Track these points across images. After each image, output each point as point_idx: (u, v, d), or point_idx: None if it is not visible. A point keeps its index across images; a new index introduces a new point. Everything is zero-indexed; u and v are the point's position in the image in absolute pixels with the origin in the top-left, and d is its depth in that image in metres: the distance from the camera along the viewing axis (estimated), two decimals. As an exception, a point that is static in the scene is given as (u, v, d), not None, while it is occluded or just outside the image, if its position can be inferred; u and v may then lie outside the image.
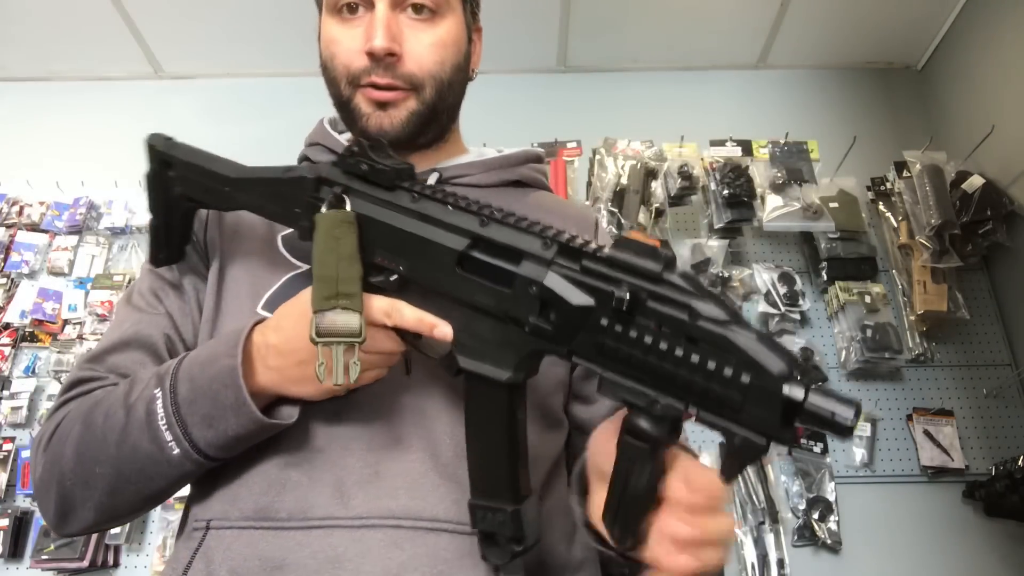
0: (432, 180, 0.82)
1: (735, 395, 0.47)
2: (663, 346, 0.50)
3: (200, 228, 0.83)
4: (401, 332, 0.63)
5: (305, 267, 0.78)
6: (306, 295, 0.63)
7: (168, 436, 0.64)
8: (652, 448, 0.52)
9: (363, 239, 0.63)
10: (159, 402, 0.64)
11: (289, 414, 0.65)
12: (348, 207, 0.63)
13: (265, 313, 0.74)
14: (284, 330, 0.63)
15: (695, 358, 0.49)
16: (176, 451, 0.64)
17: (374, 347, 0.61)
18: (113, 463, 0.65)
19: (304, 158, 0.89)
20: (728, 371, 0.47)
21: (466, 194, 0.63)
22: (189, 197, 0.75)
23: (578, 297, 0.54)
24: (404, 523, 0.65)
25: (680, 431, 0.53)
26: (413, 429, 0.70)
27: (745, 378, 0.47)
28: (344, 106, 0.79)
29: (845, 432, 0.45)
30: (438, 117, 0.80)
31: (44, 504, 0.70)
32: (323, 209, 0.63)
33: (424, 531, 0.65)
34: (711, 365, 0.48)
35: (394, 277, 0.63)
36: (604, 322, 0.52)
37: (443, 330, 0.60)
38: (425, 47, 0.76)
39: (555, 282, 0.55)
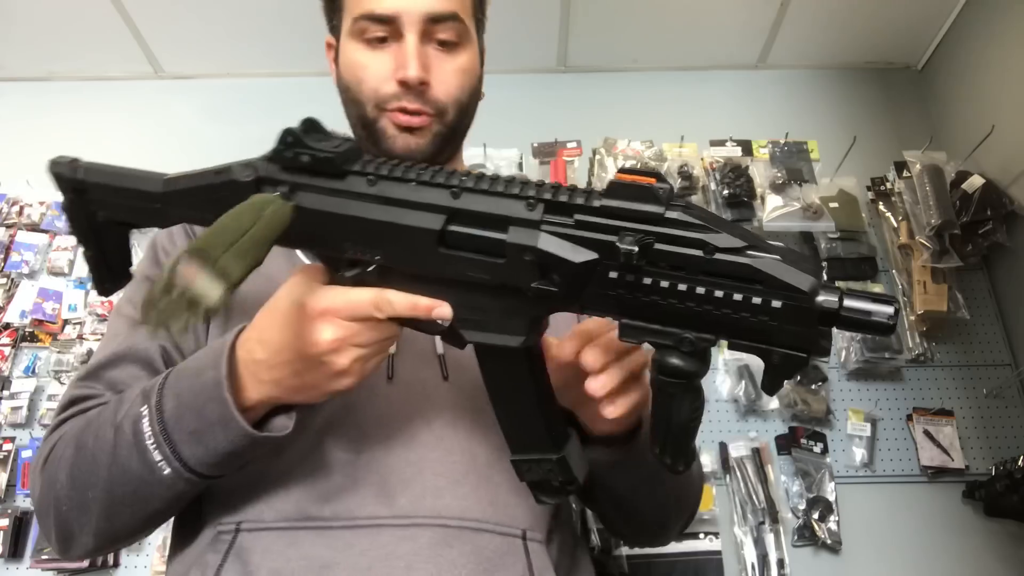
0: None
1: (768, 320, 0.46)
2: (683, 288, 0.48)
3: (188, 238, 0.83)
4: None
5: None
6: (282, 294, 0.60)
7: (157, 456, 0.61)
8: (688, 382, 0.51)
9: (327, 236, 0.59)
10: (145, 420, 0.62)
11: (283, 426, 0.63)
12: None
13: None
14: (270, 343, 0.60)
15: (719, 293, 0.47)
16: (167, 471, 0.62)
17: (368, 339, 0.58)
18: (106, 486, 0.63)
19: None
20: (757, 299, 0.46)
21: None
22: (116, 221, 0.69)
23: (579, 254, 0.51)
24: (451, 523, 0.66)
25: (708, 364, 0.52)
26: (451, 431, 0.71)
27: (776, 302, 0.46)
28: (368, 126, 0.81)
29: (886, 330, 0.45)
30: (456, 137, 0.85)
31: (45, 528, 0.69)
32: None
33: (470, 531, 0.66)
34: (738, 297, 0.47)
35: (371, 268, 0.58)
36: (613, 275, 0.50)
37: (442, 311, 0.57)
38: (450, 75, 0.80)
39: (550, 243, 0.52)
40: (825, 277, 2.07)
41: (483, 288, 0.55)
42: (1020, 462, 1.81)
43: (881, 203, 2.19)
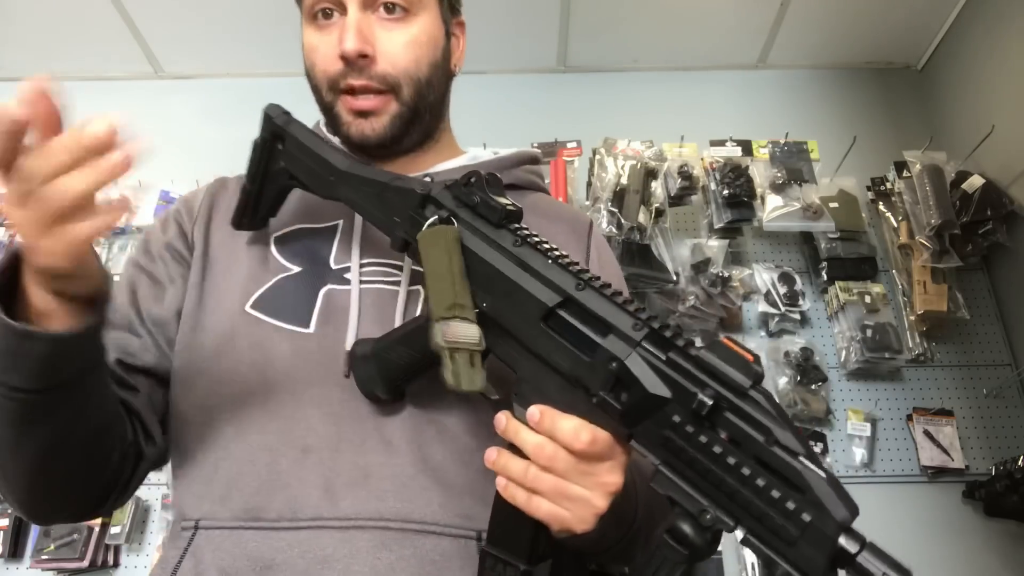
0: None
1: (791, 529, 0.47)
2: (731, 460, 0.50)
3: (189, 221, 0.83)
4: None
5: (296, 269, 0.78)
6: None
7: None
8: (690, 556, 0.51)
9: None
10: None
11: (66, 325, 0.57)
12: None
13: (255, 312, 0.74)
14: None
15: (760, 482, 0.49)
16: None
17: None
18: None
19: None
20: (791, 504, 0.47)
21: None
22: (291, 175, 0.76)
23: (656, 386, 0.53)
24: (392, 524, 0.65)
25: (717, 546, 0.53)
26: (403, 432, 0.69)
27: (806, 516, 0.47)
28: (328, 112, 0.79)
29: None
30: (420, 117, 0.80)
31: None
32: (427, 224, 0.64)
33: (412, 533, 0.65)
34: (775, 493, 0.48)
35: (474, 311, 0.63)
36: (676, 419, 0.52)
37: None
38: (398, 46, 0.76)
39: (637, 364, 0.54)
40: (826, 277, 2.08)
41: (555, 375, 0.59)
42: (1020, 462, 1.81)
43: (881, 203, 2.19)
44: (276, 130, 0.76)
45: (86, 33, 2.40)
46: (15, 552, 1.92)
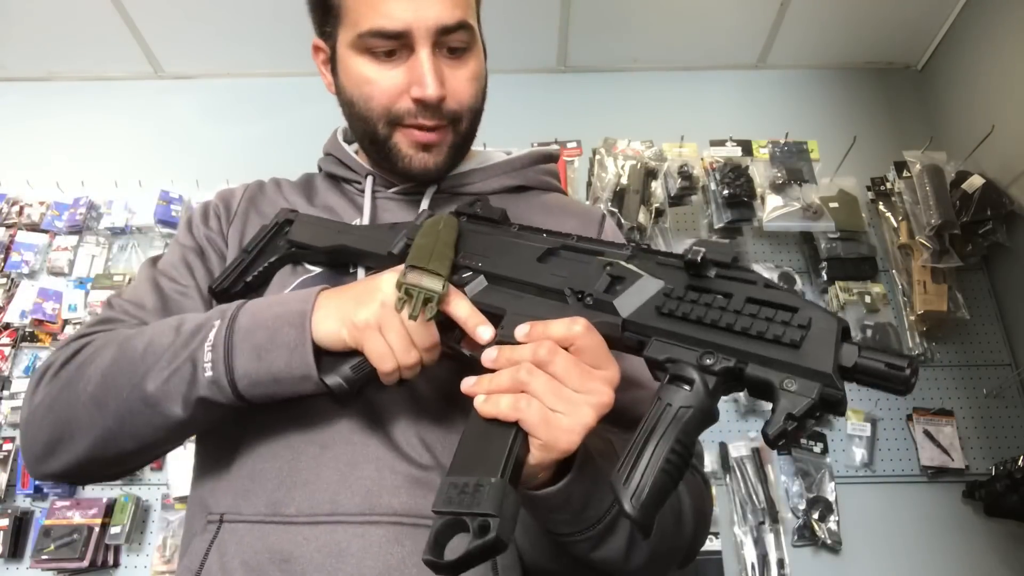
0: (430, 192, 0.85)
1: (794, 334, 0.48)
2: (726, 303, 0.52)
3: (227, 220, 0.86)
4: (444, 334, 0.65)
5: (317, 270, 0.81)
6: (374, 278, 0.66)
7: (208, 356, 0.64)
8: (697, 405, 0.49)
9: (456, 244, 0.69)
10: (214, 330, 0.65)
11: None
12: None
13: None
14: (348, 290, 0.66)
15: (756, 308, 0.50)
16: (208, 373, 0.64)
17: (417, 340, 0.63)
18: (138, 383, 0.65)
19: (320, 167, 0.93)
20: (789, 317, 0.49)
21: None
22: (293, 244, 0.80)
23: (651, 270, 0.58)
24: (405, 520, 0.67)
25: (718, 399, 0.51)
26: (415, 429, 0.71)
27: (807, 315, 0.49)
28: (380, 144, 0.80)
29: (901, 384, 0.46)
30: (469, 143, 0.84)
31: (34, 432, 0.70)
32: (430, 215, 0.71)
33: (424, 528, 0.65)
34: (772, 312, 0.50)
35: (468, 273, 0.67)
36: (671, 289, 0.55)
37: (484, 332, 0.62)
38: (464, 83, 0.78)
39: (631, 262, 0.60)
40: (826, 277, 2.09)
41: (547, 300, 0.62)
42: (1020, 462, 1.81)
43: (881, 203, 2.19)
44: (288, 217, 0.82)
45: (86, 33, 2.40)
46: (15, 552, 1.92)
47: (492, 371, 0.57)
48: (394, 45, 0.75)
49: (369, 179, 0.86)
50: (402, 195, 0.86)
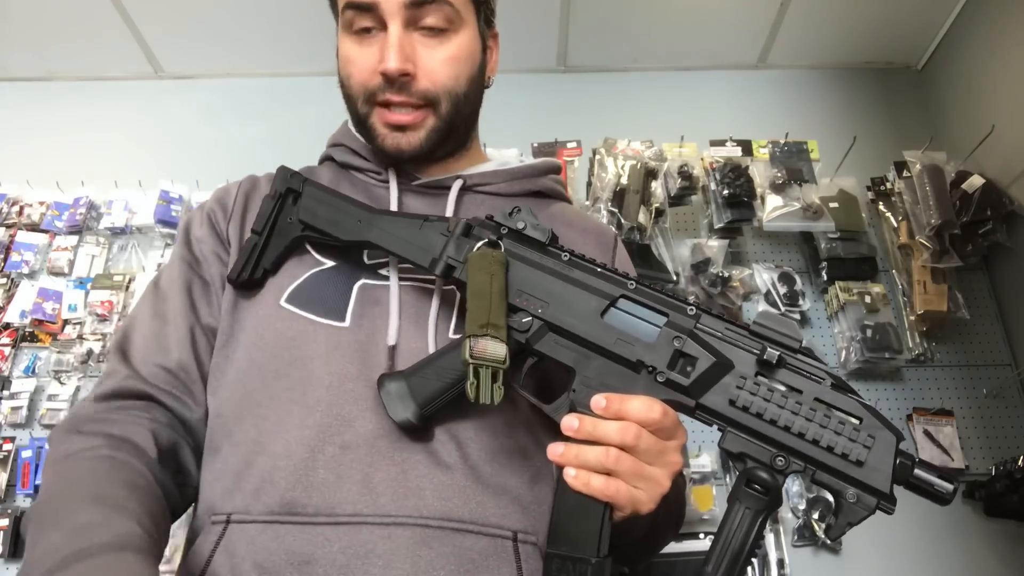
0: (456, 187, 0.84)
1: (859, 452, 0.54)
2: (797, 402, 0.56)
3: (224, 219, 0.84)
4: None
5: (330, 263, 0.79)
6: None
7: None
8: (770, 501, 0.56)
9: (507, 279, 0.68)
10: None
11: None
12: (502, 249, 0.69)
13: (289, 306, 0.75)
14: None
15: (826, 415, 0.55)
16: None
17: None
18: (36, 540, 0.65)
19: (327, 157, 0.91)
20: (855, 430, 0.54)
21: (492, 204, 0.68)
22: (306, 226, 0.77)
23: (722, 353, 0.59)
24: (432, 522, 0.65)
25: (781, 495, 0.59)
26: (440, 430, 0.70)
27: (871, 436, 0.54)
28: (362, 123, 0.80)
29: (943, 502, 0.58)
30: (456, 130, 0.82)
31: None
32: (477, 247, 0.68)
33: (451, 531, 0.66)
34: (840, 423, 0.55)
35: (527, 319, 0.67)
36: (742, 379, 0.58)
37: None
38: (439, 63, 0.78)
39: (699, 338, 0.61)
40: (826, 277, 2.09)
41: (617, 366, 0.63)
42: (1020, 462, 1.81)
43: (881, 203, 2.19)
44: (292, 185, 0.78)
45: (86, 33, 2.39)
46: (15, 552, 1.92)
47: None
48: (370, 22, 0.76)
49: (392, 172, 0.85)
50: (424, 188, 0.85)
